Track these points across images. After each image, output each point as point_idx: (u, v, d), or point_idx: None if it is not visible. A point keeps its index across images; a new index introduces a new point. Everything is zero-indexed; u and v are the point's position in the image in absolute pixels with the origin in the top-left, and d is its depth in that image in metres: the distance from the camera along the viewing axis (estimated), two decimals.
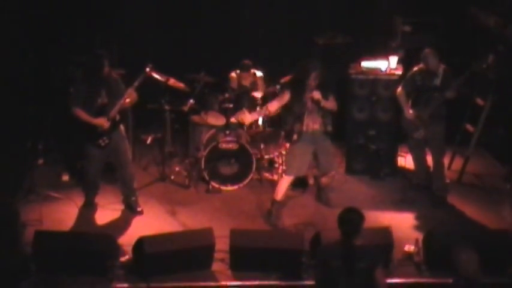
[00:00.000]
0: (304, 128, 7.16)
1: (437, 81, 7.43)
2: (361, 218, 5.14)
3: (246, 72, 8.30)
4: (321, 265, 5.17)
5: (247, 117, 7.52)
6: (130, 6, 8.96)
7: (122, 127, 7.28)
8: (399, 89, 7.69)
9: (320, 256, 5.25)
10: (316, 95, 7.02)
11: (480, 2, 8.56)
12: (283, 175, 7.47)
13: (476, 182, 8.29)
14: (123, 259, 6.41)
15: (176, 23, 9.15)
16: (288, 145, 7.52)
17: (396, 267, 6.40)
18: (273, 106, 7.30)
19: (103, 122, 7.03)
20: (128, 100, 7.11)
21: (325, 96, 7.07)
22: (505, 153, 8.55)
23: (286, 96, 7.19)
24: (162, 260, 6.22)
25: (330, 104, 7.14)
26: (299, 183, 7.90)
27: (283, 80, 8.02)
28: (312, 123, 7.18)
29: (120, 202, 7.54)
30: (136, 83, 7.11)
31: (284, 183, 7.33)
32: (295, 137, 7.20)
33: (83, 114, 7.00)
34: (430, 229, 6.82)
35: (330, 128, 7.23)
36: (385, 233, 6.45)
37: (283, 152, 7.99)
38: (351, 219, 5.12)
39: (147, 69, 7.28)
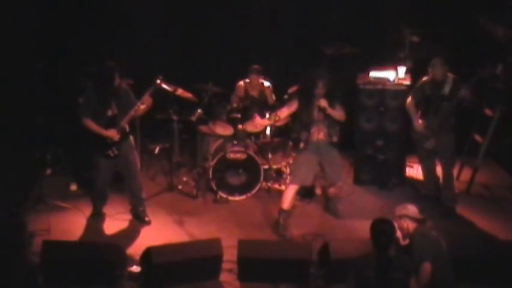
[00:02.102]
0: (310, 137, 7.16)
1: (446, 91, 7.42)
2: (393, 228, 5.16)
3: (257, 75, 8.31)
4: (355, 277, 5.13)
5: (258, 122, 7.58)
6: (139, 17, 8.98)
7: (131, 137, 7.29)
8: (409, 100, 7.68)
9: (354, 268, 5.18)
10: (323, 103, 7.02)
11: (488, 12, 8.54)
12: (289, 184, 7.47)
13: (485, 192, 8.25)
14: (131, 269, 6.41)
15: (184, 33, 9.18)
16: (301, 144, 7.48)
17: None
18: (283, 113, 7.33)
19: (113, 134, 7.04)
20: (142, 106, 7.11)
21: (332, 105, 7.07)
22: None
23: (294, 105, 7.21)
24: (170, 270, 6.22)
25: (337, 113, 7.13)
26: (306, 194, 7.90)
27: (290, 90, 8.06)
28: (317, 133, 7.18)
29: (128, 212, 7.54)
30: (146, 94, 7.13)
31: (290, 191, 7.31)
32: (301, 145, 7.21)
33: (93, 125, 7.02)
34: None
35: (335, 139, 7.22)
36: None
37: (291, 162, 7.99)
38: (386, 230, 5.13)
39: (158, 81, 7.29)
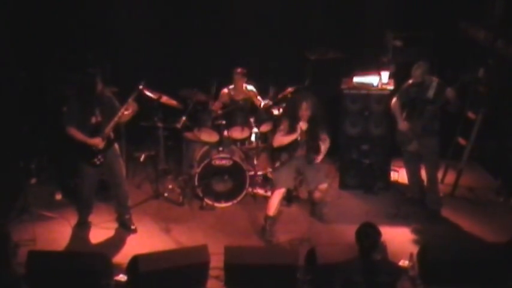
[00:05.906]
0: (289, 159, 7.23)
1: (431, 94, 7.46)
2: (378, 232, 5.21)
3: (241, 78, 8.33)
4: (340, 282, 5.15)
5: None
6: (123, 24, 8.98)
7: (116, 145, 7.27)
8: (394, 100, 7.72)
9: (340, 273, 5.22)
10: (303, 125, 7.06)
11: (470, 16, 8.61)
12: (274, 189, 7.46)
13: (469, 195, 8.31)
14: (117, 278, 6.39)
15: (168, 40, 9.17)
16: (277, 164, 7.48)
17: None
18: (284, 139, 7.25)
19: (98, 142, 7.01)
20: (127, 112, 7.08)
21: (316, 134, 7.12)
22: (497, 167, 8.57)
23: (285, 124, 7.22)
24: (157, 278, 6.20)
25: (322, 147, 7.17)
26: (292, 199, 7.91)
27: (280, 95, 8.10)
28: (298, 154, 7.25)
29: (113, 220, 7.53)
30: (130, 100, 7.11)
31: (275, 197, 7.33)
32: (277, 164, 7.26)
33: (77, 134, 6.98)
34: (425, 243, 6.84)
35: (311, 162, 7.26)
36: (380, 248, 6.43)
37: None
38: (370, 234, 5.19)
39: (140, 86, 7.28)
